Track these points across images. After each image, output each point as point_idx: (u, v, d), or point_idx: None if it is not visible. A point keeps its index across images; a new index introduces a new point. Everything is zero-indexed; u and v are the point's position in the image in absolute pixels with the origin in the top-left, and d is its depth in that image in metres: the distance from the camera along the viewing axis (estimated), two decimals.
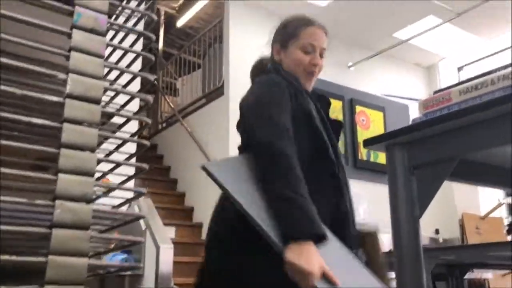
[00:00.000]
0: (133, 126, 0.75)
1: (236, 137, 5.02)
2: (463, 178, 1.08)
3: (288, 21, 1.67)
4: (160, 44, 7.26)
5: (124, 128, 0.80)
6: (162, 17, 7.19)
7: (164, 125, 6.69)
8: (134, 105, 0.75)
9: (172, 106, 6.40)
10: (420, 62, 6.78)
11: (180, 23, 7.15)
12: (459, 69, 6.67)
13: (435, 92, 0.97)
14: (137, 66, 0.87)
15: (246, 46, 5.30)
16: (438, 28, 5.47)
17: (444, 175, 0.89)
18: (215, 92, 5.44)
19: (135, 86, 0.85)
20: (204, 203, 5.15)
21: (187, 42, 6.95)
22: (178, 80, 6.87)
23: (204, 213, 5.12)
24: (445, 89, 0.95)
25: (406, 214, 0.92)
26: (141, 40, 0.85)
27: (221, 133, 5.03)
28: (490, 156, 1.02)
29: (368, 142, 1.02)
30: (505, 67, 0.88)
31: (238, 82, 5.13)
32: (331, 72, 5.86)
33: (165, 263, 2.95)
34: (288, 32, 1.61)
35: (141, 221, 2.89)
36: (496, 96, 0.84)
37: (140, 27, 0.87)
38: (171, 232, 4.84)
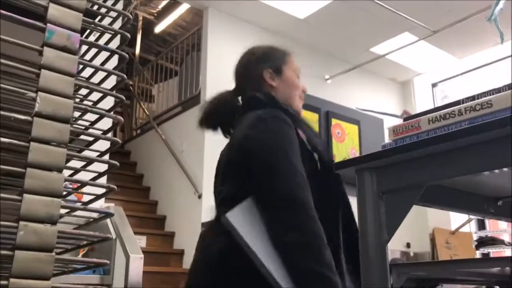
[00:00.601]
0: (103, 143, 0.74)
1: (212, 146, 5.00)
2: (432, 203, 1.10)
3: (268, 48, 1.60)
4: (137, 50, 7.21)
5: (94, 146, 0.79)
6: (140, 23, 7.15)
7: (138, 131, 6.63)
8: (106, 122, 0.74)
9: (147, 112, 6.35)
10: (395, 77, 6.90)
11: (158, 29, 7.13)
12: (433, 85, 6.82)
13: (405, 119, 0.99)
14: (112, 63, 0.86)
15: (224, 55, 5.30)
16: (413, 44, 5.59)
17: (412, 200, 0.91)
18: (191, 100, 5.42)
19: (108, 101, 0.84)
20: (176, 212, 5.11)
21: (165, 49, 6.92)
22: (154, 87, 6.82)
23: (176, 222, 5.08)
24: (415, 116, 0.97)
25: (374, 238, 0.93)
26: (116, 40, 0.84)
27: (196, 142, 5.00)
28: (457, 183, 1.04)
29: (339, 166, 1.04)
30: (472, 98, 0.90)
31: (215, 91, 5.13)
32: (308, 84, 5.91)
33: (135, 273, 2.91)
34: (279, 58, 1.55)
35: (112, 230, 2.85)
36: (463, 126, 0.86)
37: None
38: (142, 241, 4.79)
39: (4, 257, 0.60)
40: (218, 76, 5.21)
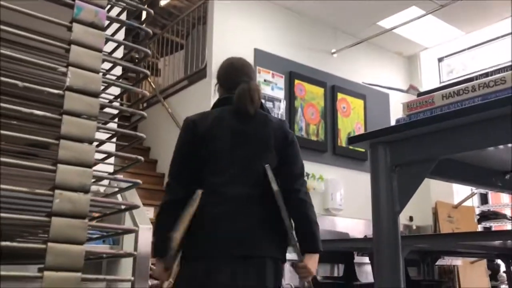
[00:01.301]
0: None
1: None
2: (441, 176, 1.14)
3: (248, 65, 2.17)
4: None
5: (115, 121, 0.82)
6: None
7: (145, 105, 6.64)
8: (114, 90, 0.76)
9: (154, 86, 6.36)
10: (402, 52, 6.86)
11: (163, 1, 7.07)
12: (440, 60, 6.78)
13: (419, 95, 1.01)
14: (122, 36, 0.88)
15: (230, 28, 5.28)
16: (420, 19, 5.53)
17: (424, 173, 0.94)
18: (197, 74, 5.42)
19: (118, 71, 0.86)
20: None
21: (170, 22, 6.87)
22: (160, 60, 6.80)
23: None
24: (428, 92, 0.99)
25: (387, 210, 0.96)
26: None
27: None
28: (467, 156, 1.07)
29: (353, 140, 1.07)
30: (486, 74, 0.92)
31: None
32: (314, 58, 5.90)
33: (144, 243, 2.98)
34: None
35: (121, 201, 2.90)
36: (476, 102, 0.88)
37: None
38: (150, 212, 4.86)
39: (41, 223, 0.64)
40: (224, 49, 5.19)
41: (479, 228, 6.01)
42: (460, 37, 6.34)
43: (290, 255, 2.02)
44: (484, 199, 6.47)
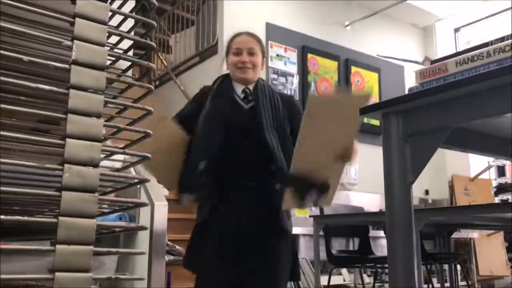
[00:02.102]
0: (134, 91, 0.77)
1: None
2: (456, 146, 1.12)
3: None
4: None
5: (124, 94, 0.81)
6: None
7: (157, 83, 6.64)
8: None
9: (165, 64, 6.34)
10: (416, 23, 6.72)
11: None
12: (456, 30, 6.63)
13: (433, 62, 0.98)
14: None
15: (241, 3, 5.21)
16: None
17: (437, 143, 0.92)
18: (209, 50, 5.38)
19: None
20: None
21: None
22: (171, 37, 6.76)
23: None
24: (442, 59, 0.97)
25: (399, 180, 0.95)
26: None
27: None
28: (482, 125, 1.05)
29: (365, 110, 1.05)
30: (501, 39, 0.89)
31: None
32: (327, 31, 5.81)
33: (160, 220, 3.01)
34: (227, 47, 2.16)
35: (131, 174, 2.92)
36: (491, 68, 0.85)
37: None
38: (165, 189, 4.91)
39: (52, 197, 0.64)
40: (235, 25, 5.13)
41: (496, 200, 5.95)
42: (477, 7, 6.18)
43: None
44: (501, 172, 6.40)
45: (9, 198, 0.69)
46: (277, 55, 5.32)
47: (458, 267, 4.59)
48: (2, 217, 0.57)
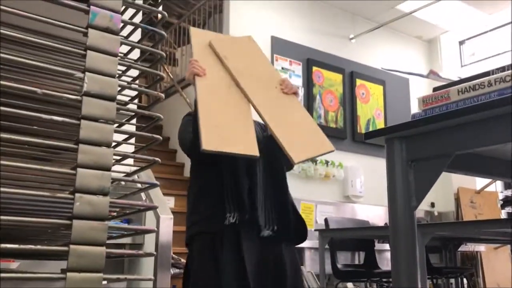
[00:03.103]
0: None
1: None
2: (459, 170, 1.13)
3: None
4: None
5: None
6: None
7: (163, 95, 6.68)
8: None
9: (171, 76, 6.38)
10: (421, 35, 6.74)
11: None
12: (461, 43, 6.65)
13: (435, 89, 1.00)
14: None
15: (247, 17, 5.26)
16: (440, 1, 5.42)
17: (441, 168, 0.94)
18: None
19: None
20: None
21: (187, 11, 6.86)
22: (177, 50, 6.82)
23: None
24: (444, 87, 0.98)
25: (403, 205, 0.96)
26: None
27: None
28: (484, 150, 1.06)
29: (369, 135, 1.06)
30: (502, 69, 0.91)
31: None
32: (332, 44, 5.84)
33: (165, 233, 3.02)
34: None
35: (142, 193, 2.94)
36: (493, 97, 0.87)
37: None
38: (170, 202, 4.92)
39: (63, 225, 0.66)
40: None
41: (503, 213, 5.92)
42: (482, 19, 6.20)
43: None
44: (507, 184, 6.37)
45: (22, 226, 0.71)
46: (282, 68, 5.35)
47: (465, 281, 4.56)
48: (16, 246, 0.59)
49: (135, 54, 0.89)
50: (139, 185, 0.95)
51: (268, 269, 1.84)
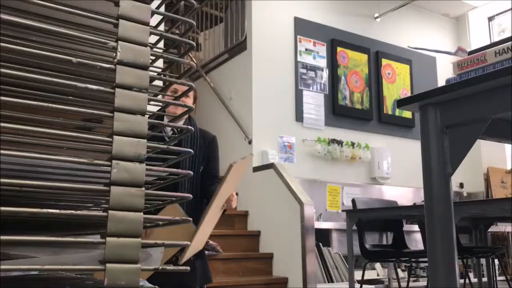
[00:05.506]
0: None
1: (260, 92, 5.14)
2: (494, 136, 1.10)
3: None
4: None
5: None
6: None
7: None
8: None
9: (195, 61, 6.40)
10: (448, 13, 6.58)
11: None
12: (490, 19, 6.47)
13: (470, 53, 0.97)
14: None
15: None
16: None
17: (476, 134, 0.91)
18: (237, 47, 5.41)
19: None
20: (228, 159, 5.23)
21: None
22: (200, 35, 6.83)
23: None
24: (480, 50, 0.96)
25: (438, 172, 0.95)
26: None
27: (244, 88, 5.04)
28: None
29: (402, 103, 1.04)
30: None
31: (261, 37, 5.09)
32: (357, 24, 5.76)
33: None
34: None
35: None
36: None
37: None
38: None
39: (101, 192, 0.67)
40: (264, 21, 5.15)
41: None
42: None
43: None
44: None
45: (58, 193, 0.72)
46: (306, 49, 5.31)
47: (496, 261, 4.49)
48: (56, 211, 0.60)
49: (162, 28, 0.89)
50: None
51: None
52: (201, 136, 2.49)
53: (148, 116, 0.75)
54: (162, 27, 1.00)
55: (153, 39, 0.92)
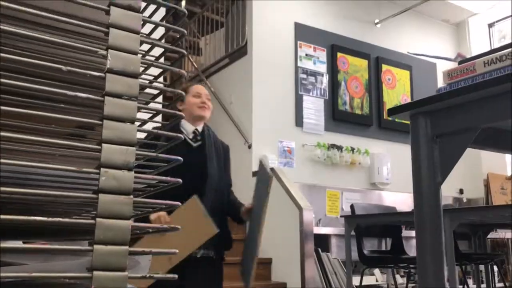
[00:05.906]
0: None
1: (260, 97, 5.14)
2: (486, 146, 1.10)
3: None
4: (183, 2, 7.20)
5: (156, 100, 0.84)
6: None
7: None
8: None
9: (196, 66, 6.42)
10: (449, 19, 6.59)
11: None
12: (490, 25, 6.48)
13: (460, 63, 0.98)
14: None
15: (270, 3, 5.23)
16: None
17: (466, 143, 0.92)
18: (238, 51, 5.42)
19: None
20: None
21: (210, 0, 6.87)
22: (201, 40, 6.84)
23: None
24: (469, 60, 0.96)
25: (428, 181, 0.95)
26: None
27: (245, 93, 5.05)
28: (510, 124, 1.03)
29: (393, 111, 1.05)
30: None
31: (262, 42, 5.10)
32: (357, 29, 5.77)
33: None
34: (183, 90, 2.45)
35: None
36: None
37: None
38: None
39: (90, 199, 0.67)
40: (264, 25, 5.16)
41: None
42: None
43: None
44: None
45: (48, 201, 0.73)
46: (306, 55, 5.32)
47: (495, 268, 4.48)
48: (44, 218, 0.61)
49: (158, 34, 0.89)
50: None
51: None
52: (220, 143, 2.61)
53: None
54: (158, 34, 1.01)
55: (146, 47, 0.93)
